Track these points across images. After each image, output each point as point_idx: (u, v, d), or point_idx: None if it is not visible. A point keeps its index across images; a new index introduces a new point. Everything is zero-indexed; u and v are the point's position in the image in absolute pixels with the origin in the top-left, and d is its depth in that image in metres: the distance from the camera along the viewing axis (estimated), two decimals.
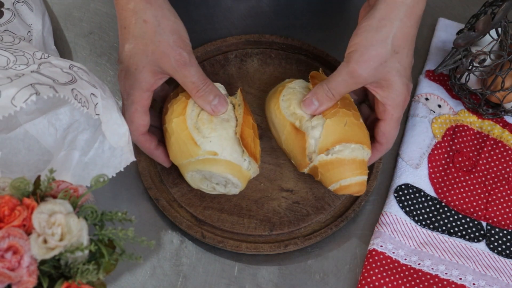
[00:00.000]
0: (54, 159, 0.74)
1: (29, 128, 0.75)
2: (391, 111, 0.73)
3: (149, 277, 0.75)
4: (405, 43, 0.71)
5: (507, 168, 0.83)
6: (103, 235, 0.60)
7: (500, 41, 0.81)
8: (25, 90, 0.64)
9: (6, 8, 0.82)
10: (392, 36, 0.70)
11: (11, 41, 0.74)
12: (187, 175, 0.75)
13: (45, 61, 0.71)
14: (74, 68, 0.72)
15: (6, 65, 0.69)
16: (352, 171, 0.74)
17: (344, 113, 0.74)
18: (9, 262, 0.55)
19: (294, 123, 0.75)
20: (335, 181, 0.74)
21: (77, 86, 0.68)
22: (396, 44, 0.70)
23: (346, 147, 0.73)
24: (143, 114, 0.73)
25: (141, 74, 0.72)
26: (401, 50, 0.71)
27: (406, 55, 0.72)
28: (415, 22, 0.72)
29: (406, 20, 0.71)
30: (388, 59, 0.71)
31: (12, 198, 0.58)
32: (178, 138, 0.73)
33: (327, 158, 0.74)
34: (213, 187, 0.75)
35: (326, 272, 0.76)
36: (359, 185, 0.74)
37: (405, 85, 0.73)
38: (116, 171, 0.73)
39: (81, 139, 0.75)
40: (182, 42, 0.71)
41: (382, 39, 0.70)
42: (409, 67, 0.73)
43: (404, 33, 0.71)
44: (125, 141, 0.72)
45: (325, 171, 0.74)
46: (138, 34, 0.71)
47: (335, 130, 0.73)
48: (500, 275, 0.76)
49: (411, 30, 0.72)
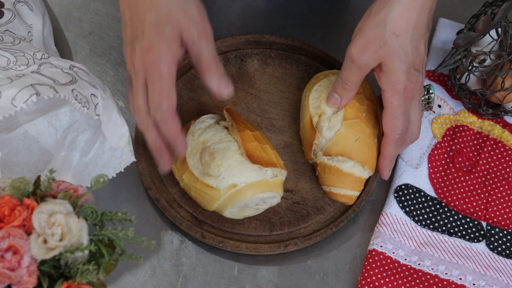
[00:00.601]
0: (54, 159, 0.74)
1: (29, 129, 0.75)
2: (390, 98, 0.71)
3: (149, 277, 0.75)
4: (407, 26, 0.69)
5: (507, 168, 0.83)
6: (103, 235, 0.60)
7: (500, 41, 0.81)
8: (26, 91, 0.64)
9: (7, 8, 0.82)
10: (390, 18, 0.68)
11: (12, 41, 0.74)
12: (226, 214, 0.74)
13: (45, 62, 0.71)
14: (74, 68, 0.72)
15: (7, 66, 0.69)
16: (344, 184, 0.76)
17: (361, 128, 0.75)
18: (9, 262, 0.55)
19: (313, 117, 0.77)
20: (327, 185, 0.77)
21: (77, 86, 0.68)
22: (395, 26, 0.68)
23: (348, 161, 0.75)
24: (174, 88, 0.66)
25: (169, 45, 0.66)
26: (402, 33, 0.69)
27: (409, 40, 0.69)
28: (421, 6, 0.69)
29: (408, 3, 0.68)
30: (388, 41, 0.69)
31: (12, 198, 0.58)
32: (196, 190, 0.73)
33: (328, 162, 0.76)
34: (256, 209, 0.75)
35: (326, 272, 0.76)
36: (346, 197, 0.76)
37: (405, 73, 0.70)
38: (116, 171, 0.73)
39: (81, 139, 0.75)
40: (205, 15, 0.69)
41: (379, 21, 0.68)
42: (413, 54, 0.70)
43: (406, 16, 0.68)
44: (125, 141, 0.72)
45: (322, 172, 0.77)
46: (162, 3, 0.66)
47: (344, 142, 0.74)
48: (500, 275, 0.76)
49: (415, 14, 0.69)
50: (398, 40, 0.69)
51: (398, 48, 0.69)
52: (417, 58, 0.70)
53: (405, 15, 0.69)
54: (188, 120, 0.79)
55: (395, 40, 0.69)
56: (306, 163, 0.80)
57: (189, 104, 0.84)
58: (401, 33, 0.69)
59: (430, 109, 0.80)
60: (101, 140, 0.74)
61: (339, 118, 0.75)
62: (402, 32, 0.69)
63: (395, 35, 0.69)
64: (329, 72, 0.81)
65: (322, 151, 0.76)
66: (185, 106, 0.84)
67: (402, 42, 0.69)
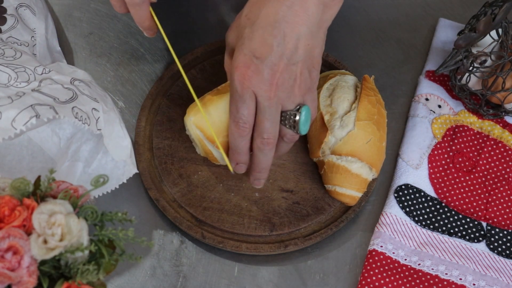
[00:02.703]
0: (58, 170, 0.74)
1: (33, 136, 0.75)
2: (229, 77, 0.70)
3: (149, 277, 0.75)
4: (257, 12, 0.66)
5: (507, 169, 0.83)
6: (103, 236, 0.60)
7: (501, 41, 0.81)
8: (25, 112, 0.64)
9: (9, 14, 0.82)
10: (249, 2, 0.67)
11: (13, 55, 0.74)
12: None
13: (46, 77, 0.71)
14: (75, 82, 0.72)
15: (7, 82, 0.69)
16: (351, 184, 0.76)
17: (373, 131, 0.75)
18: (9, 263, 0.55)
19: (324, 115, 0.76)
20: (333, 184, 0.77)
21: (77, 103, 0.68)
22: (248, 10, 0.67)
23: (357, 162, 0.75)
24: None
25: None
26: (252, 18, 0.66)
27: (259, 26, 0.65)
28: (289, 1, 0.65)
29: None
30: (241, 23, 0.67)
31: (12, 198, 0.58)
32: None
33: (336, 162, 0.76)
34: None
35: (326, 273, 0.76)
36: (351, 198, 0.77)
37: (243, 55, 0.65)
38: (119, 182, 0.73)
39: (84, 149, 0.75)
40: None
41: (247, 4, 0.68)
42: (258, 41, 0.65)
43: (259, 3, 0.66)
44: (127, 154, 0.72)
45: (329, 171, 0.76)
46: None
47: (356, 143, 0.75)
48: (500, 276, 0.76)
49: (272, 3, 0.65)
50: (249, 23, 0.66)
51: (247, 30, 0.66)
52: (262, 47, 0.65)
53: (258, 2, 0.66)
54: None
55: (247, 23, 0.67)
56: (306, 163, 0.80)
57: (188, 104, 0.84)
58: (251, 17, 0.66)
59: (296, 129, 0.69)
60: (104, 150, 0.74)
61: (351, 119, 0.76)
62: (252, 16, 0.66)
63: (247, 18, 0.67)
64: (337, 72, 0.82)
65: (330, 150, 0.76)
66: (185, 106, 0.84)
67: (252, 27, 0.66)
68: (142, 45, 0.91)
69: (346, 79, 0.79)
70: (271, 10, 0.65)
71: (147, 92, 0.86)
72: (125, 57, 0.90)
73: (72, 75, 0.74)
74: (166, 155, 0.81)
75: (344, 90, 0.78)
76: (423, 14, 0.96)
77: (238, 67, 0.66)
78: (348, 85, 0.79)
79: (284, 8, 0.65)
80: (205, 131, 0.72)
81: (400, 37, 0.94)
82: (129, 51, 0.91)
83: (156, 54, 0.90)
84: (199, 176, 0.79)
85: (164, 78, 0.86)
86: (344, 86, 0.78)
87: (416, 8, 0.97)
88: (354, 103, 0.77)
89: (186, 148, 0.81)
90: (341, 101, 0.77)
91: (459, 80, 0.84)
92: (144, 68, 0.89)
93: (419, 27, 0.95)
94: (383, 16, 0.96)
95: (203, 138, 0.73)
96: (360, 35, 0.94)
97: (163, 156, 0.80)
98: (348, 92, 0.78)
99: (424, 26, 0.95)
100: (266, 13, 0.65)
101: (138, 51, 0.91)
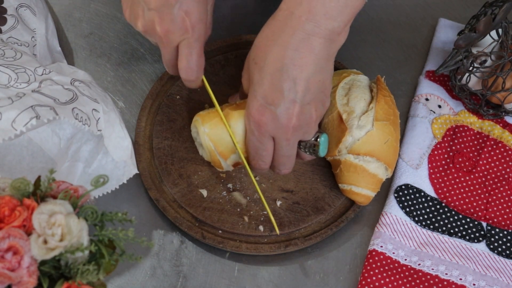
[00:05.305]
0: (58, 170, 0.74)
1: (33, 136, 0.75)
2: (245, 118, 0.71)
3: (149, 277, 0.75)
4: (264, 56, 0.65)
5: (507, 169, 0.83)
6: (103, 236, 0.60)
7: (501, 42, 0.81)
8: (26, 113, 0.64)
9: (9, 14, 0.82)
10: (255, 43, 0.67)
11: (13, 56, 0.74)
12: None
13: (46, 78, 0.71)
14: (75, 83, 0.72)
15: (8, 83, 0.69)
16: (367, 184, 0.76)
17: (390, 131, 0.76)
18: (9, 263, 0.55)
19: (342, 114, 0.76)
20: (349, 183, 0.76)
21: (78, 104, 0.68)
22: (255, 53, 0.67)
23: (375, 162, 0.75)
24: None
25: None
26: (259, 62, 0.66)
27: (267, 72, 0.65)
28: (296, 44, 0.64)
29: (268, 30, 0.66)
30: (249, 67, 0.68)
31: (12, 198, 0.58)
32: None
33: (353, 161, 0.76)
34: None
35: (326, 273, 0.76)
36: (365, 197, 0.77)
37: (256, 101, 0.67)
38: (119, 183, 0.73)
39: (85, 150, 0.75)
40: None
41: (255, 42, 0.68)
42: (268, 87, 0.65)
43: (264, 47, 0.66)
44: (128, 154, 0.72)
45: (345, 170, 0.76)
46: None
47: (375, 143, 0.75)
48: (500, 276, 0.76)
49: (277, 47, 0.65)
50: (256, 67, 0.66)
51: (255, 75, 0.67)
52: (273, 93, 0.65)
53: (263, 45, 0.66)
54: (191, 119, 0.79)
55: (255, 67, 0.67)
56: (306, 163, 0.80)
57: (189, 104, 0.84)
58: (258, 62, 0.66)
59: (315, 155, 0.72)
60: (104, 150, 0.73)
61: (369, 118, 0.75)
62: (259, 61, 0.66)
63: (254, 62, 0.67)
64: (350, 71, 0.81)
65: (347, 149, 0.76)
66: (185, 106, 0.84)
67: (258, 70, 0.66)
68: (142, 45, 0.91)
69: (360, 79, 0.79)
70: (277, 55, 0.65)
71: (147, 92, 0.86)
72: (125, 57, 0.90)
73: (72, 75, 0.74)
74: (166, 155, 0.81)
75: (360, 90, 0.78)
76: (423, 14, 0.96)
77: (252, 114, 0.67)
78: (363, 84, 0.79)
79: (290, 52, 0.64)
80: (218, 147, 0.72)
81: (400, 37, 0.94)
82: (129, 51, 0.91)
83: (156, 54, 0.90)
84: (199, 176, 0.79)
85: (164, 78, 0.86)
86: (359, 85, 0.78)
87: (416, 8, 0.97)
88: (371, 103, 0.77)
89: (186, 148, 0.81)
90: (358, 100, 0.77)
91: (459, 80, 0.84)
92: (144, 68, 0.89)
93: (419, 27, 0.95)
94: (383, 16, 0.96)
95: (216, 152, 0.72)
96: (360, 36, 0.94)
97: (163, 156, 0.80)
98: (364, 92, 0.78)
99: (424, 26, 0.95)
100: (272, 59, 0.65)
101: (138, 51, 0.91)
